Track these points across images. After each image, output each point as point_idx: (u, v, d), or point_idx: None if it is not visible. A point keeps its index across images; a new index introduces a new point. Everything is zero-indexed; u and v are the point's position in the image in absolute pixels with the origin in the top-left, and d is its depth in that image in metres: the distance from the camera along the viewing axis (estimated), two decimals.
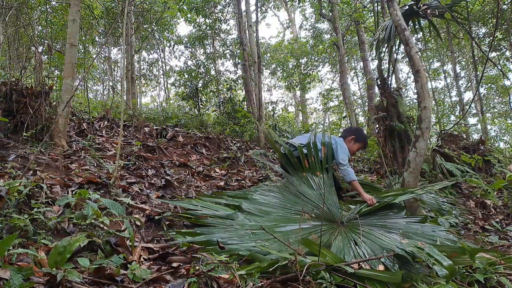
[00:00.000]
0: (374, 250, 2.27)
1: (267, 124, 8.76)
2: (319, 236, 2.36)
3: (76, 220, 2.11)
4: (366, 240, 2.41)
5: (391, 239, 2.40)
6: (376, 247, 2.30)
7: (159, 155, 5.07)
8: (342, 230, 2.61)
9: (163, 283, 1.69)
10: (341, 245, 2.35)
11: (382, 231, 2.59)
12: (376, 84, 5.53)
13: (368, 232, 2.53)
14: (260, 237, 2.43)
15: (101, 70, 16.58)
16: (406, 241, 2.31)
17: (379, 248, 2.27)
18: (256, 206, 2.98)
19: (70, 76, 4.33)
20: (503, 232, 3.16)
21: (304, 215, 2.85)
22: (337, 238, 2.46)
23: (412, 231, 2.61)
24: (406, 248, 2.13)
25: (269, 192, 3.23)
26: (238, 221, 2.69)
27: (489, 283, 1.95)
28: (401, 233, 2.54)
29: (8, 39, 8.28)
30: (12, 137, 3.93)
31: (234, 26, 13.58)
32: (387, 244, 2.30)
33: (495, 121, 17.30)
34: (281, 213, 2.91)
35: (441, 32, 11.64)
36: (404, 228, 2.68)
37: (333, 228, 2.66)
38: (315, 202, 3.04)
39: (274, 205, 3.03)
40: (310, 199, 3.08)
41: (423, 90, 3.40)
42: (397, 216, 2.95)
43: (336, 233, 2.55)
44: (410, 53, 3.52)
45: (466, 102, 13.20)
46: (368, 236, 2.47)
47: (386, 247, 2.26)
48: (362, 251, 2.28)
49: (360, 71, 16.85)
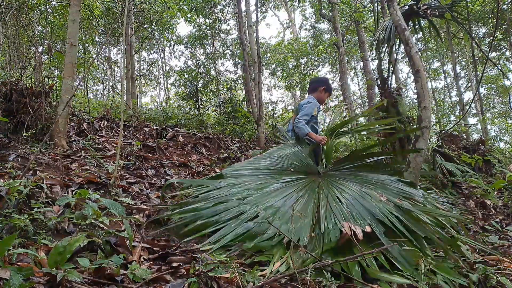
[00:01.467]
0: (358, 210, 2.38)
1: (267, 124, 8.77)
2: (300, 212, 2.47)
3: (76, 220, 2.11)
4: (347, 196, 2.54)
5: (371, 197, 2.51)
6: (359, 208, 2.41)
7: (159, 155, 5.07)
8: (321, 182, 2.79)
9: (163, 283, 1.69)
10: (328, 206, 2.44)
11: (358, 186, 2.70)
12: (376, 84, 5.53)
13: (346, 186, 2.67)
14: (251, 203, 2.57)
15: (101, 70, 16.59)
16: (385, 199, 2.45)
17: (361, 209, 2.39)
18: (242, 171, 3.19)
19: (70, 76, 4.33)
20: (503, 232, 3.16)
21: (285, 171, 3.09)
22: (320, 196, 2.57)
23: (389, 188, 2.70)
24: (384, 211, 2.30)
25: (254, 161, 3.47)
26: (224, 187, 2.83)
27: (489, 283, 1.95)
28: (378, 189, 2.65)
29: (8, 39, 8.28)
30: (12, 137, 3.93)
31: (234, 26, 13.60)
32: (368, 205, 2.41)
33: (495, 121, 17.30)
34: (267, 172, 3.13)
35: (441, 32, 11.64)
36: (380, 184, 2.77)
37: (312, 181, 2.84)
38: (294, 160, 3.27)
39: (260, 167, 3.24)
40: (289, 159, 3.32)
41: (423, 90, 3.40)
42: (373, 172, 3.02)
43: (317, 188, 2.70)
44: (410, 53, 3.52)
45: (466, 102, 13.21)
46: (346, 191, 2.61)
47: (367, 208, 2.38)
48: (347, 211, 2.38)
49: (360, 71, 16.87)
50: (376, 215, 2.31)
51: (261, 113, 7.18)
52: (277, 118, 10.61)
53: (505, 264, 2.29)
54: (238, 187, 2.82)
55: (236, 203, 2.58)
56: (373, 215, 2.33)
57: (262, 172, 3.13)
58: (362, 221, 2.29)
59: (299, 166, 3.17)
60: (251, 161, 3.46)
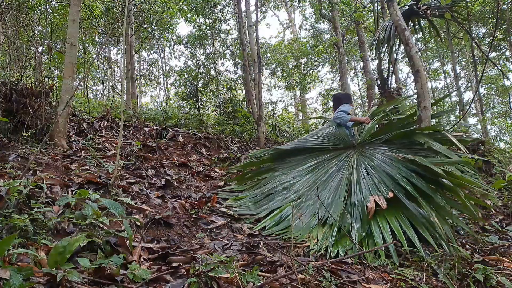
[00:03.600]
0: (381, 177, 2.87)
1: (267, 124, 8.77)
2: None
3: (76, 220, 2.11)
4: (374, 163, 3.07)
5: (392, 160, 2.97)
6: (384, 177, 2.86)
7: (159, 155, 5.07)
8: (355, 154, 3.42)
9: (163, 283, 1.69)
10: (357, 180, 2.99)
11: (384, 151, 3.23)
12: (376, 84, 5.54)
13: (373, 155, 3.22)
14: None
15: (101, 70, 16.58)
16: (401, 157, 2.90)
17: (385, 176, 2.85)
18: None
19: (70, 76, 4.33)
20: (503, 232, 3.16)
21: (325, 150, 3.79)
22: (353, 169, 3.17)
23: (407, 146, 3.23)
24: (404, 174, 2.74)
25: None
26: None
27: (489, 283, 1.95)
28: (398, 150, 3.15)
29: (8, 39, 8.27)
30: (12, 137, 3.93)
31: (234, 26, 13.59)
32: (390, 170, 2.87)
33: (495, 121, 17.29)
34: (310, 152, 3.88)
35: (441, 32, 11.64)
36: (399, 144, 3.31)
37: (347, 154, 3.50)
38: (332, 138, 3.91)
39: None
40: (329, 137, 3.96)
41: (423, 90, 3.40)
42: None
43: (350, 161, 3.33)
44: (410, 53, 3.52)
45: (466, 102, 13.21)
46: (374, 161, 3.12)
47: (389, 174, 2.84)
48: (373, 182, 2.87)
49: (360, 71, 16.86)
50: (396, 179, 2.73)
51: (261, 113, 7.18)
52: (277, 118, 10.61)
53: (505, 264, 2.29)
54: (284, 175, 3.65)
55: (281, 192, 3.42)
56: (394, 179, 2.75)
57: (305, 154, 3.87)
58: (385, 188, 2.71)
59: (336, 143, 3.79)
60: (297, 141, 4.27)
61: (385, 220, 2.49)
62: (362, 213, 2.62)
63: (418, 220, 2.48)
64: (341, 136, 3.81)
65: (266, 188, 3.62)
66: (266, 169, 4.01)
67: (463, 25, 5.72)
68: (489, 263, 2.30)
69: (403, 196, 2.61)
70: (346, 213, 2.68)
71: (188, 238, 2.59)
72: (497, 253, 2.50)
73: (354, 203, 2.76)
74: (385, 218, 2.50)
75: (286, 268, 2.02)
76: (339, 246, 2.44)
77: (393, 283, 1.97)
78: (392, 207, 2.57)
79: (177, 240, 2.49)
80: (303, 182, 3.41)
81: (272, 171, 3.89)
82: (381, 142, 3.46)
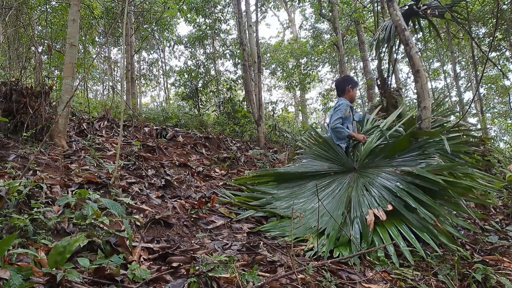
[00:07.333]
0: (381, 193, 2.87)
1: (267, 124, 8.76)
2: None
3: (76, 220, 2.11)
4: (373, 183, 3.05)
5: (391, 175, 3.01)
6: (383, 191, 2.89)
7: (159, 155, 5.07)
8: (355, 175, 3.36)
9: (163, 283, 1.69)
10: (357, 198, 2.97)
11: (384, 168, 3.19)
12: (376, 84, 5.54)
13: (375, 174, 3.18)
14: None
15: (101, 70, 16.56)
16: (399, 171, 2.96)
17: (384, 190, 2.88)
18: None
19: (70, 76, 4.33)
20: (503, 232, 3.16)
21: (326, 176, 3.65)
22: (353, 189, 3.13)
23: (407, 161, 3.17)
24: (400, 186, 2.79)
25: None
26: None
27: (489, 283, 1.95)
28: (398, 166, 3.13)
29: (8, 39, 8.27)
30: (12, 137, 3.93)
31: (234, 26, 13.59)
32: (389, 184, 2.90)
33: (495, 121, 17.29)
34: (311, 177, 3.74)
35: (441, 32, 11.64)
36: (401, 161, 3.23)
37: (348, 175, 3.43)
38: (333, 162, 3.78)
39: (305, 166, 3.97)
40: (330, 160, 3.83)
41: (423, 90, 3.40)
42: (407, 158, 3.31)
43: (351, 182, 3.27)
44: (410, 53, 3.52)
45: (466, 102, 13.21)
46: (374, 179, 3.10)
47: (388, 188, 2.87)
48: (372, 197, 2.88)
49: (360, 71, 16.85)
50: (394, 192, 2.77)
51: (261, 113, 7.18)
52: (277, 118, 10.61)
53: (505, 264, 2.29)
54: (286, 201, 3.51)
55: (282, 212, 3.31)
56: (392, 192, 2.78)
57: (306, 180, 3.70)
58: (385, 202, 2.75)
59: (338, 167, 3.65)
60: (300, 165, 4.08)
61: (385, 229, 2.53)
62: (362, 226, 2.66)
63: (419, 228, 2.52)
64: (343, 161, 3.66)
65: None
66: (263, 193, 3.78)
67: (463, 25, 5.73)
68: (489, 263, 2.30)
69: (403, 208, 2.66)
70: (345, 227, 2.71)
71: (188, 238, 2.59)
72: (497, 253, 2.50)
73: (353, 218, 2.79)
74: (385, 227, 2.54)
75: (286, 268, 2.03)
76: (341, 249, 2.47)
77: (393, 283, 1.97)
78: (392, 218, 2.62)
79: (177, 240, 2.49)
80: (304, 201, 3.37)
81: (271, 196, 3.68)
82: (381, 158, 3.40)
